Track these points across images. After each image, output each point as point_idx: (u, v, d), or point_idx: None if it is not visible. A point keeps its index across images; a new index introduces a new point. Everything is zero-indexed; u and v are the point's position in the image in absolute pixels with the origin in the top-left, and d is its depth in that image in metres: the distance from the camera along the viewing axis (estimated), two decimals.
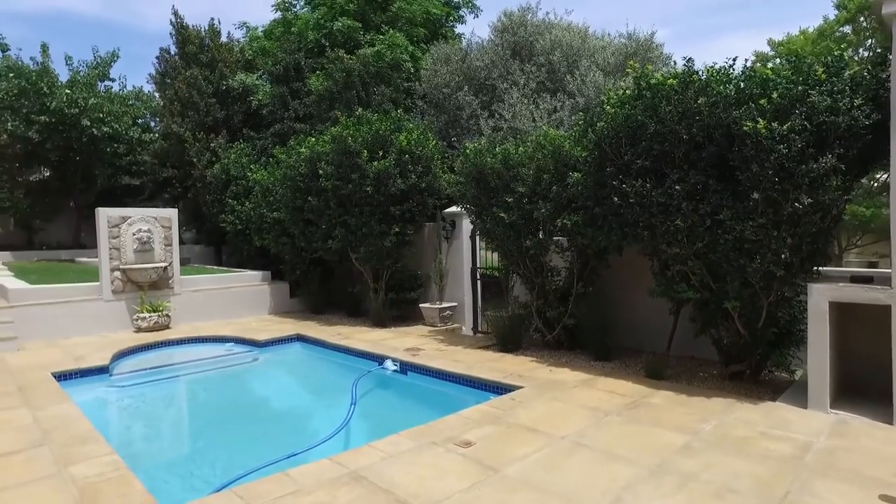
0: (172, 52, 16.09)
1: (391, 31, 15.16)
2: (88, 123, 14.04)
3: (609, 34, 14.12)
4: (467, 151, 7.87)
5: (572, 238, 7.25)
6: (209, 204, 13.90)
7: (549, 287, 7.77)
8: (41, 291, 9.54)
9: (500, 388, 6.19)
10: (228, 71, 15.14)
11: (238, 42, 17.18)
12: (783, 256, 5.11)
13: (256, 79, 15.11)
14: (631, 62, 6.55)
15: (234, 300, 11.54)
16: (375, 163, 9.39)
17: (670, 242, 5.73)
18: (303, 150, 10.36)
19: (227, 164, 13.31)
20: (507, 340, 7.95)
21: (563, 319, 7.59)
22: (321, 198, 10.01)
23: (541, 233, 7.54)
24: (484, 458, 4.20)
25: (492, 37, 14.39)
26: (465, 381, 6.66)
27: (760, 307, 5.52)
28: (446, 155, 11.94)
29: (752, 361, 5.94)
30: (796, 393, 5.53)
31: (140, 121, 17.00)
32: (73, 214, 16.16)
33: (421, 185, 9.90)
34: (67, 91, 13.92)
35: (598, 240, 6.70)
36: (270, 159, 11.86)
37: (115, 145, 15.90)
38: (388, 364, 7.65)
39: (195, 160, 14.01)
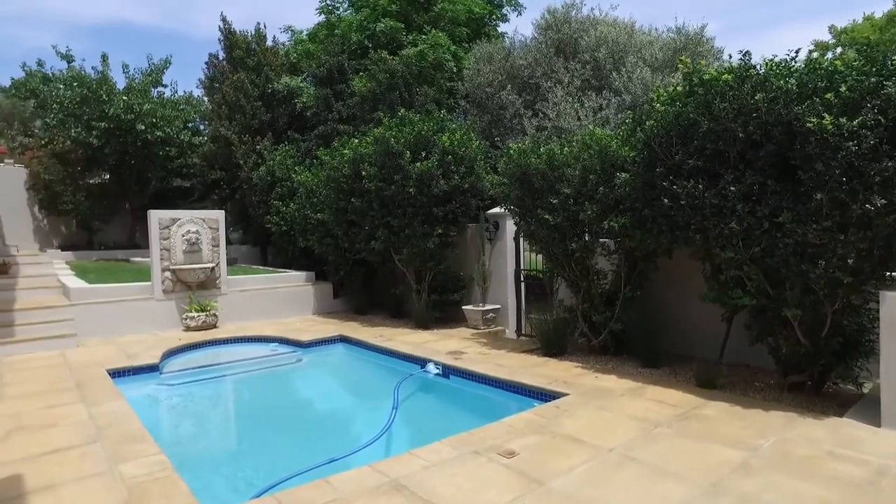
0: (220, 58, 16.50)
1: (433, 31, 15.12)
2: (143, 128, 14.52)
3: (657, 29, 13.71)
4: (511, 152, 7.73)
5: (619, 240, 7.02)
6: (255, 205, 14.17)
7: (594, 290, 7.55)
8: (98, 290, 9.90)
9: (544, 395, 6.04)
10: (274, 74, 15.41)
11: (283, 46, 17.47)
12: (850, 262, 4.78)
13: (301, 81, 15.32)
14: (681, 57, 6.27)
15: (279, 300, 11.71)
16: (418, 164, 9.35)
17: (724, 246, 5.45)
18: (346, 151, 10.41)
19: (273, 166, 13.53)
20: (552, 345, 7.77)
21: (610, 324, 7.35)
22: (364, 199, 10.03)
23: (586, 235, 7.33)
24: (528, 469, 4.07)
25: (535, 34, 14.19)
26: (509, 387, 6.52)
27: (824, 315, 5.18)
28: (489, 155, 11.81)
29: (814, 372, 5.59)
30: (866, 408, 5.16)
31: (190, 124, 17.48)
32: (128, 216, 16.75)
33: (464, 186, 9.81)
34: (124, 98, 14.43)
35: (646, 242, 6.46)
36: (314, 161, 11.98)
37: (167, 149, 16.37)
38: (431, 367, 7.58)
39: (241, 162, 14.31)
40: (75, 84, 14.42)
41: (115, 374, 7.31)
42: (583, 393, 5.85)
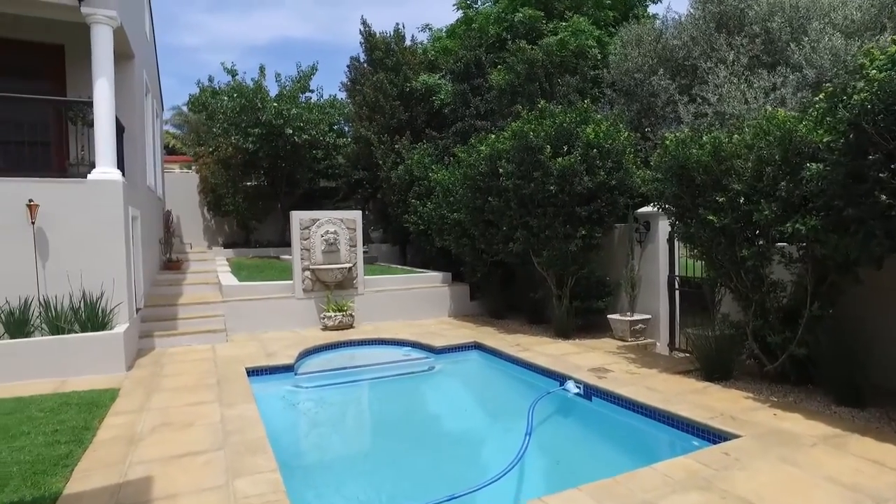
0: (361, 60, 16.90)
1: (576, 17, 14.12)
2: (291, 132, 15.27)
3: None
4: (667, 143, 6.68)
5: (805, 246, 5.72)
6: (394, 204, 14.25)
7: (769, 305, 6.28)
8: (246, 288, 10.41)
9: (707, 434, 5.03)
10: (412, 73, 15.41)
11: (421, 45, 17.48)
12: None
13: (438, 78, 15.15)
14: None
15: (415, 301, 11.56)
16: (560, 159, 8.57)
17: None
18: (483, 148, 9.92)
19: (411, 165, 13.47)
20: (714, 366, 6.63)
21: (790, 347, 6.07)
22: (501, 198, 9.48)
23: (760, 239, 6.09)
24: None
25: (691, 10, 12.59)
26: (662, 417, 5.57)
27: None
28: (639, 148, 10.65)
29: None
30: None
31: (335, 126, 18.21)
32: (280, 215, 17.82)
33: (611, 183, 8.85)
34: (275, 104, 15.31)
35: (846, 250, 5.14)
36: (451, 159, 11.67)
37: (314, 151, 17.15)
38: (571, 386, 6.82)
39: (381, 162, 14.46)
40: (236, 95, 15.54)
41: (253, 372, 7.49)
42: (759, 436, 4.75)
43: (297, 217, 10.55)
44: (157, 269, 12.60)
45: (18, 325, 7.28)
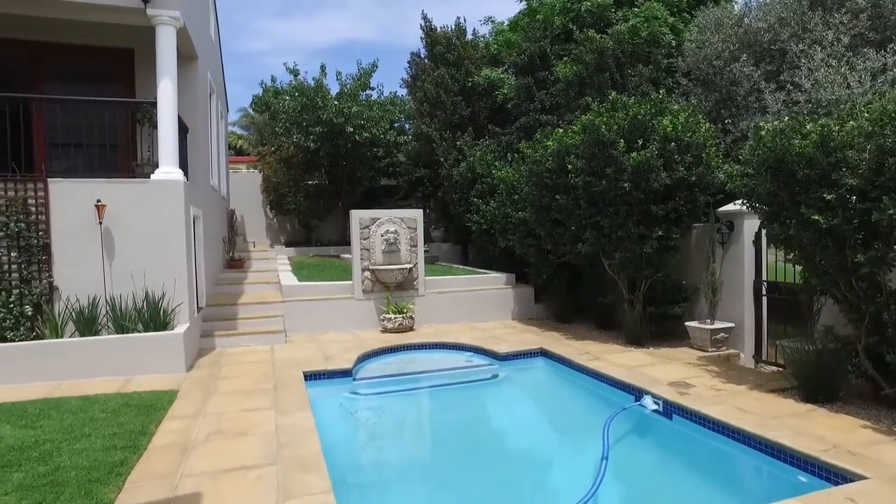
0: (422, 55, 16.60)
1: (647, 2, 13.26)
2: (351, 130, 15.15)
3: None
4: (762, 133, 5.94)
5: None
6: (455, 203, 13.86)
7: (888, 318, 5.45)
8: (306, 288, 10.28)
9: (817, 470, 4.35)
10: (474, 67, 14.97)
11: (483, 38, 17.00)
12: None
13: (501, 73, 14.64)
14: None
15: (477, 303, 11.14)
16: (634, 154, 7.93)
17: None
18: (549, 143, 9.37)
19: (473, 162, 13.05)
20: (816, 386, 5.87)
21: None
22: (570, 196, 8.90)
23: (878, 242, 5.29)
24: None
25: None
26: (758, 445, 4.90)
27: None
28: (718, 141, 9.81)
29: None
30: None
31: (396, 124, 18.01)
32: (341, 214, 17.79)
33: (690, 179, 8.13)
34: (335, 102, 15.23)
35: None
36: (515, 155, 11.15)
37: (375, 149, 17.02)
38: (648, 402, 6.20)
39: (442, 159, 14.11)
40: (297, 94, 15.57)
41: (310, 376, 7.28)
42: (890, 478, 4.03)
43: (357, 216, 10.33)
44: (221, 267, 12.72)
45: (88, 323, 7.35)
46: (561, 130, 9.29)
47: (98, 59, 9.85)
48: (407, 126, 18.84)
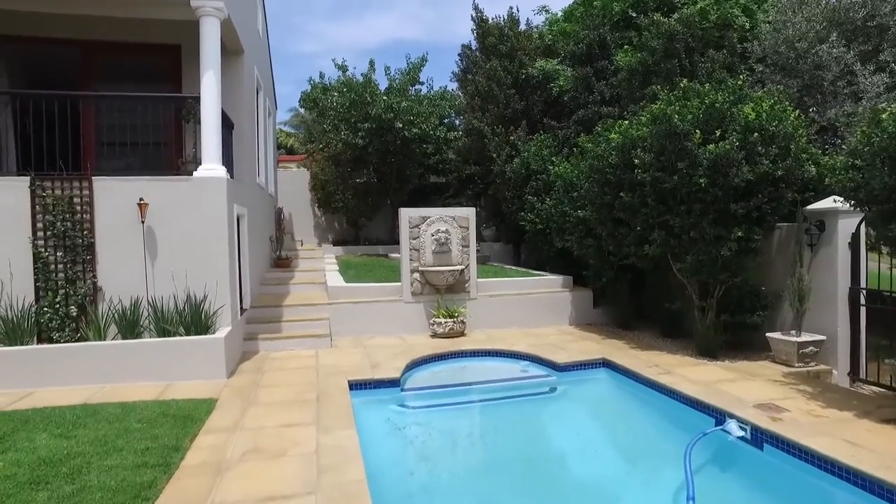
0: (473, 48, 15.98)
1: None
2: (400, 126, 14.71)
3: None
4: (883, 117, 5.08)
5: None
6: (508, 201, 13.22)
7: None
8: (353, 290, 9.86)
9: None
10: (527, 59, 14.27)
11: (537, 29, 16.25)
12: None
13: (556, 64, 13.88)
14: None
15: (532, 307, 10.48)
16: (710, 146, 7.13)
17: None
18: (613, 136, 8.64)
19: (527, 158, 12.39)
20: None
21: None
22: (636, 193, 8.16)
23: None
24: None
25: None
26: (884, 493, 4.08)
27: None
28: (808, 132, 8.84)
29: None
30: None
31: (445, 120, 17.47)
32: (389, 212, 17.41)
33: (776, 174, 7.25)
34: (384, 98, 14.81)
35: None
36: (573, 150, 10.42)
37: (424, 145, 16.55)
38: (732, 427, 5.43)
39: (494, 155, 13.48)
40: (345, 89, 15.24)
41: (356, 385, 6.84)
42: None
43: (407, 214, 9.84)
44: (268, 266, 12.50)
45: (130, 325, 7.11)
46: (626, 122, 8.53)
47: (146, 57, 9.72)
48: (457, 122, 18.28)
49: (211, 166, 7.47)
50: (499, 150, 13.44)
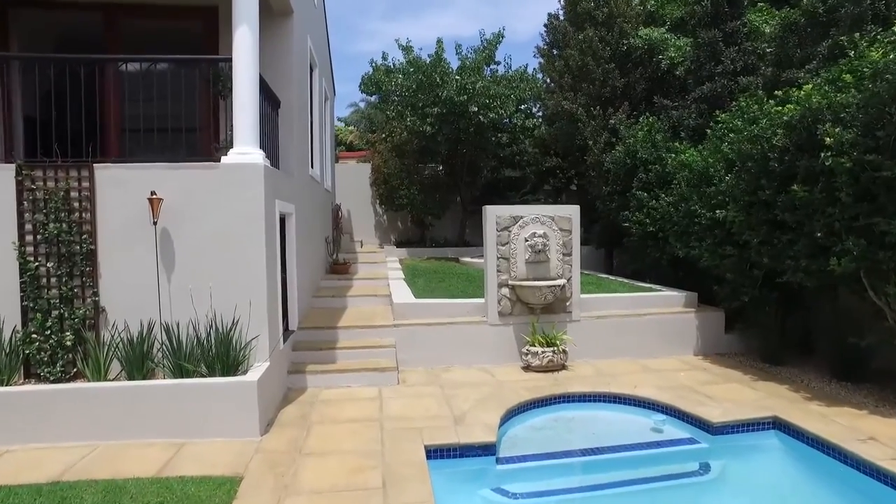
0: (561, 18, 13.71)
1: None
2: (475, 110, 12.67)
3: None
4: None
5: None
6: (605, 197, 10.93)
7: None
8: (424, 307, 7.88)
9: None
10: (629, 27, 11.89)
11: None
12: None
13: (665, 31, 11.45)
14: None
15: (646, 331, 8.23)
16: None
17: None
18: (780, 109, 6.28)
19: (634, 145, 10.08)
20: None
21: None
22: (817, 185, 5.82)
23: None
24: None
25: None
26: None
27: None
28: None
29: None
30: None
31: (522, 106, 15.29)
32: (459, 210, 15.42)
33: None
34: (457, 77, 12.81)
35: None
36: (709, 130, 8.02)
37: (499, 135, 14.52)
38: None
39: (590, 142, 11.21)
40: (412, 70, 13.35)
41: (436, 453, 4.90)
42: None
43: (494, 214, 7.75)
44: (322, 272, 10.75)
45: (138, 360, 5.39)
46: (809, 87, 6.13)
47: (177, 21, 8.04)
48: (535, 108, 16.05)
49: (245, 149, 5.63)
50: (595, 135, 11.17)
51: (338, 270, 11.14)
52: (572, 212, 7.97)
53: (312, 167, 9.84)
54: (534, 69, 14.96)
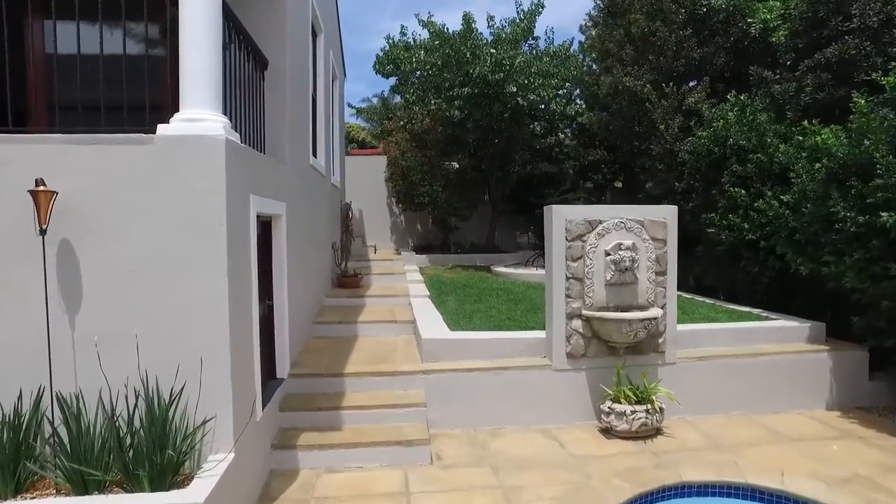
0: None
1: None
2: (514, 90, 10.50)
3: None
4: None
5: None
6: (678, 195, 8.71)
7: None
8: (466, 345, 5.73)
9: None
10: None
11: None
12: None
13: None
14: None
15: (759, 375, 6.04)
16: None
17: None
18: None
19: (723, 129, 7.88)
20: None
21: None
22: None
23: None
24: None
25: None
26: None
27: None
28: None
29: None
30: None
31: (561, 91, 13.08)
32: (487, 210, 13.26)
33: None
34: (492, 51, 10.64)
35: None
36: (860, 102, 5.77)
37: (534, 124, 12.36)
38: None
39: (661, 126, 8.99)
40: (437, 43, 11.20)
41: None
42: None
43: (562, 217, 5.54)
44: (327, 288, 8.67)
45: (9, 462, 3.26)
46: None
47: None
48: (576, 93, 13.82)
49: (194, 113, 3.51)
50: (667, 118, 8.95)
51: (346, 284, 9.05)
52: (668, 214, 5.75)
53: (315, 156, 7.74)
54: (574, 50, 12.80)
